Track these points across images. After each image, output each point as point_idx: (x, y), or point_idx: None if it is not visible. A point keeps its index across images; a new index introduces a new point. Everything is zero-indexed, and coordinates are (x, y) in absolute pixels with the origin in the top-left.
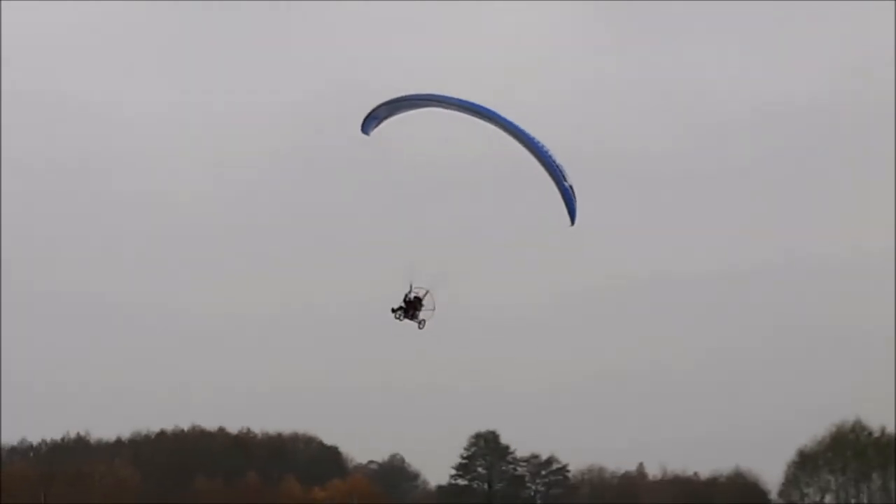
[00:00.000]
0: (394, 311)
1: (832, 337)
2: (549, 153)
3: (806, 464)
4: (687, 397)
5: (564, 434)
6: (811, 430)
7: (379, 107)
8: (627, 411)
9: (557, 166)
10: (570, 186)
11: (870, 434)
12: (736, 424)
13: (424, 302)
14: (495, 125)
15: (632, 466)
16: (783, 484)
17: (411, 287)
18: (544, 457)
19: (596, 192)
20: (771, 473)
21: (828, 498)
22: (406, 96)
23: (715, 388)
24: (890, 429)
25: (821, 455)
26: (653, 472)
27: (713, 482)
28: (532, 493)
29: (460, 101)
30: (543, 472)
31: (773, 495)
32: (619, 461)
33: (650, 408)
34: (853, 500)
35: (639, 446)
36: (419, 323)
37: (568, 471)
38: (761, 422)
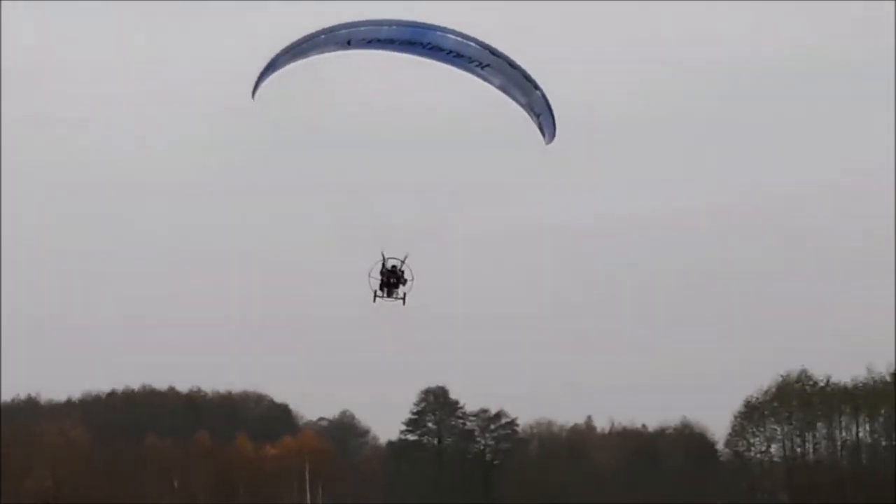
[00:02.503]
0: (376, 294)
1: (778, 288)
2: (514, 61)
3: (752, 414)
4: (633, 350)
5: (513, 389)
6: (758, 380)
7: (279, 56)
8: (576, 365)
9: (526, 75)
10: (543, 95)
11: (815, 384)
12: (683, 376)
13: (404, 270)
14: (431, 54)
15: (580, 419)
16: (730, 434)
17: (384, 258)
18: (493, 411)
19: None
20: (718, 424)
21: (773, 447)
22: (310, 36)
23: (661, 341)
24: (835, 378)
25: (767, 405)
26: (601, 424)
27: (661, 434)
28: (482, 448)
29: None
30: (493, 427)
31: (720, 445)
32: (567, 415)
33: (598, 361)
34: (798, 450)
35: (587, 399)
36: (402, 299)
37: (517, 425)
38: (708, 373)
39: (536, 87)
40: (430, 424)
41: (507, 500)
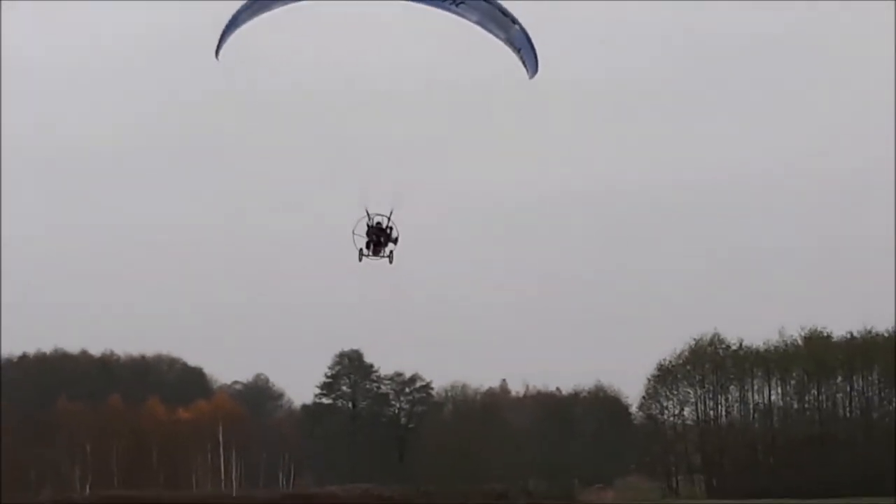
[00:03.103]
0: (361, 252)
1: (692, 252)
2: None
3: (665, 377)
4: (548, 314)
5: (427, 352)
6: (671, 344)
7: (240, 11)
8: (489, 328)
9: (503, 9)
10: (522, 28)
11: (728, 347)
12: (597, 340)
13: (392, 227)
14: None
15: (495, 383)
16: (643, 397)
17: (368, 214)
18: (408, 375)
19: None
20: (632, 388)
21: (686, 410)
22: None
23: (575, 305)
24: (747, 342)
25: (680, 369)
26: (515, 388)
27: (575, 397)
28: (396, 411)
29: None
30: (407, 390)
31: (634, 409)
32: (482, 378)
33: (513, 324)
34: (711, 413)
35: (501, 363)
36: (389, 257)
37: (432, 388)
38: (622, 337)
39: (514, 21)
40: (344, 388)
41: (422, 463)
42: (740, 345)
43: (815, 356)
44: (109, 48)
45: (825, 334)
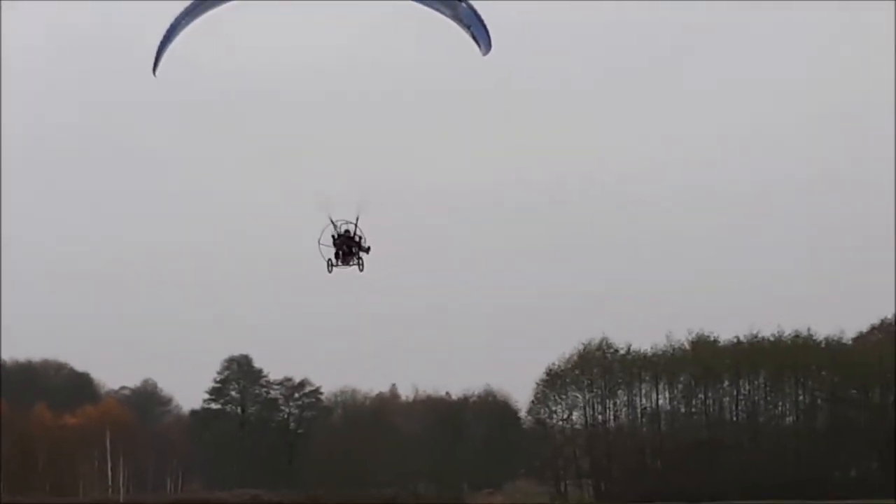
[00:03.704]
0: (330, 263)
1: (580, 258)
2: None
3: (554, 382)
4: (438, 320)
5: (317, 356)
6: (560, 349)
7: (176, 20)
8: (379, 334)
9: None
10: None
11: (616, 351)
12: (487, 345)
13: (361, 236)
14: None
15: (384, 388)
16: (532, 402)
17: (333, 223)
18: (297, 380)
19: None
20: (521, 392)
21: (575, 414)
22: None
23: (465, 310)
24: (635, 346)
25: (569, 373)
26: (405, 393)
27: (465, 402)
28: (285, 416)
29: None
30: (297, 395)
31: (523, 413)
32: (371, 383)
33: (403, 329)
34: (600, 417)
35: (391, 368)
36: (359, 264)
37: (321, 393)
38: (511, 342)
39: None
40: (233, 393)
41: (311, 469)
42: (628, 349)
43: (702, 361)
44: None
45: (712, 339)
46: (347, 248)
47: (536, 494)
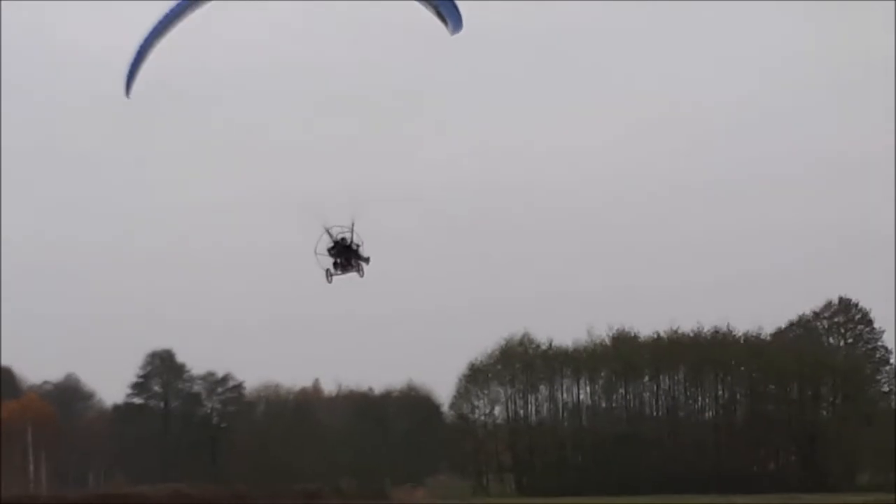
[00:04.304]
0: (329, 272)
1: (500, 253)
2: None
3: (477, 377)
4: (360, 315)
5: (240, 351)
6: (482, 344)
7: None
8: (302, 330)
9: None
10: None
11: (538, 347)
12: (409, 340)
13: (359, 244)
14: None
15: (307, 383)
16: (454, 397)
17: (329, 232)
18: (220, 374)
19: None
20: (443, 387)
21: (497, 409)
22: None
23: (387, 304)
24: (556, 341)
25: (491, 368)
26: (328, 388)
27: (387, 396)
28: (208, 411)
29: None
30: (220, 390)
31: (445, 408)
32: (294, 378)
33: (326, 326)
34: (521, 412)
35: (314, 363)
36: (360, 271)
37: (244, 388)
38: (434, 337)
39: None
40: (156, 388)
41: (234, 463)
42: (550, 345)
43: (623, 356)
44: None
45: (633, 335)
46: (346, 259)
47: (458, 489)
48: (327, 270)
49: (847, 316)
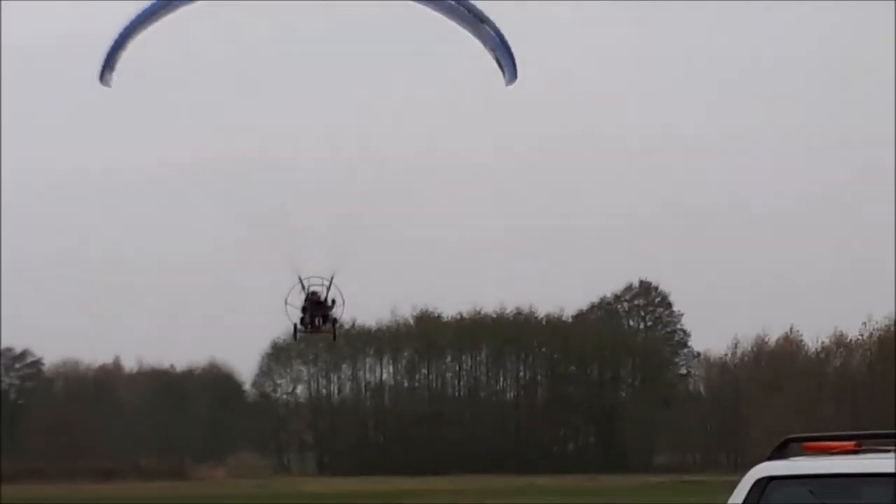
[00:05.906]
0: (296, 329)
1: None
2: None
3: (279, 355)
4: (163, 294)
5: (39, 327)
6: (285, 323)
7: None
8: (103, 305)
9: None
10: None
11: (341, 326)
12: (212, 319)
13: (335, 300)
14: None
15: (108, 360)
16: (257, 375)
17: (303, 284)
18: (18, 350)
19: None
20: (245, 366)
21: (300, 388)
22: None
23: (187, 281)
24: (360, 321)
25: (294, 346)
26: (129, 365)
27: (189, 374)
28: (6, 387)
29: None
30: (17, 366)
31: (247, 386)
32: (94, 354)
33: (126, 302)
34: (324, 391)
35: (114, 340)
36: (333, 333)
37: (43, 364)
38: (235, 315)
39: (482, 19)
40: None
41: (31, 440)
42: (353, 324)
43: (426, 336)
44: None
45: (436, 314)
46: (317, 315)
47: (259, 467)
48: (294, 325)
49: (647, 299)
